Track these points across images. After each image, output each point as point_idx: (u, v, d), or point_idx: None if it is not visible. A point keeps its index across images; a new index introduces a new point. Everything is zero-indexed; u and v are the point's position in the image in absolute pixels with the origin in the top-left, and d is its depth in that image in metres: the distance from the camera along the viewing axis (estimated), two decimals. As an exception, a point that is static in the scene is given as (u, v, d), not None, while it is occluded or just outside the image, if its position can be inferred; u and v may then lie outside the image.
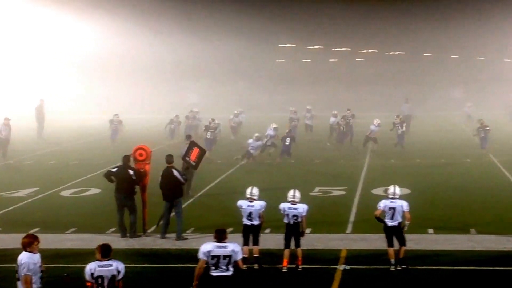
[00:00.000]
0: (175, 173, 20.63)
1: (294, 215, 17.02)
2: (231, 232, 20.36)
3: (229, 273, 13.07)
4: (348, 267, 17.31)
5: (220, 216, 22.82)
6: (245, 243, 17.44)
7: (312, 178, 30.42)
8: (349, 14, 74.79)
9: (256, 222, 17.45)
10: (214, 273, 13.07)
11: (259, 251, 17.46)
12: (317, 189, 27.77)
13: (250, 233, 17.47)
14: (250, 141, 34.84)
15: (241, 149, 35.90)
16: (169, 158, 21.06)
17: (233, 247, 13.15)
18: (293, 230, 17.15)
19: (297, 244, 17.20)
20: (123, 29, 68.71)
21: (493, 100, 65.91)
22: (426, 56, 78.59)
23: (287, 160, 34.88)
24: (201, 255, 13.14)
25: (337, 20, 74.94)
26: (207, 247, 13.16)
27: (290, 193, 17.29)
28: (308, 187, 27.29)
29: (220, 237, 13.26)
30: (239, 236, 17.50)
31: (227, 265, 13.05)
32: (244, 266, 13.37)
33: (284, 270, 17.07)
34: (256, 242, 17.51)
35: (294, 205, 17.06)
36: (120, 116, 43.92)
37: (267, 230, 20.02)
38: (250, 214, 17.40)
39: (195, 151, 21.90)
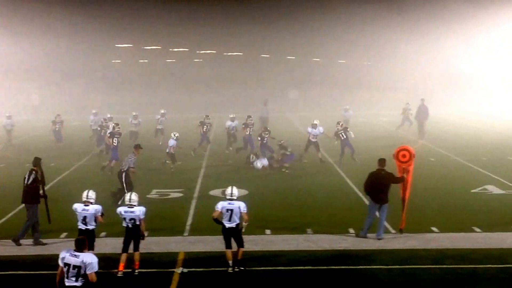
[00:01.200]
0: (27, 175, 19.95)
1: (131, 218, 16.73)
2: (65, 237, 19.94)
3: (78, 284, 12.63)
4: (185, 270, 17.17)
5: (55, 220, 22.07)
6: (80, 248, 16.96)
7: (149, 180, 30.02)
8: (187, 15, 74.94)
9: (91, 227, 17.06)
10: (67, 283, 12.68)
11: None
12: (154, 191, 27.45)
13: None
14: (172, 142, 33.54)
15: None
16: (35, 161, 20.26)
17: (85, 258, 12.72)
18: (132, 233, 16.85)
19: (136, 248, 16.91)
20: None
21: (326, 101, 67.87)
22: (264, 57, 79.86)
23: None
24: (59, 261, 12.86)
25: (175, 20, 74.89)
26: (62, 253, 12.87)
27: (127, 196, 17.06)
28: (145, 189, 26.92)
29: (77, 246, 12.86)
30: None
31: (76, 275, 12.62)
32: (95, 279, 12.85)
33: (120, 274, 16.74)
34: (91, 247, 17.04)
35: (131, 208, 16.78)
36: None
37: (103, 234, 19.58)
38: (84, 218, 17.00)
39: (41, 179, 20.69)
